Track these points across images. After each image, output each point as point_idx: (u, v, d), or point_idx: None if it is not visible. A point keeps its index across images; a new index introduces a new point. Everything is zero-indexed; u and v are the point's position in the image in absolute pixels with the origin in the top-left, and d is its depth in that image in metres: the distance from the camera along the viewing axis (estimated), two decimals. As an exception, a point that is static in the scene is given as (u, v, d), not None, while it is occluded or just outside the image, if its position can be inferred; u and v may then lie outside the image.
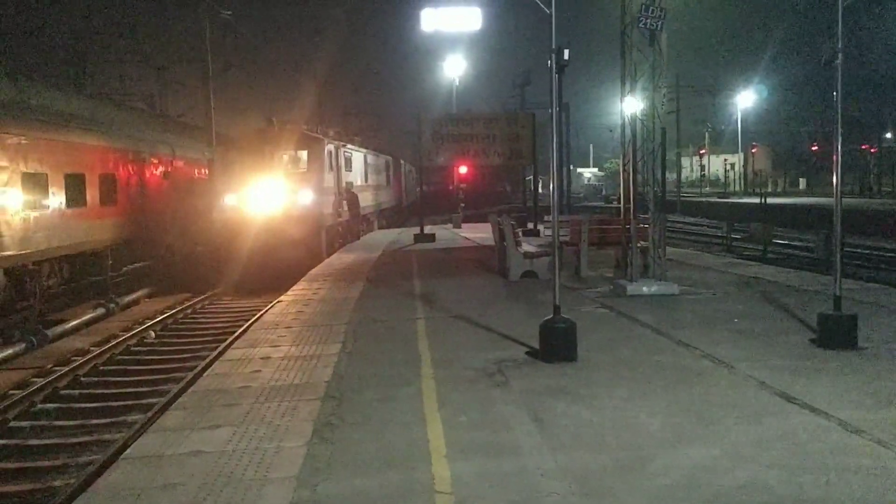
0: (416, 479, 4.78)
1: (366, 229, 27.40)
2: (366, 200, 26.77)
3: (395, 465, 5.00)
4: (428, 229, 23.85)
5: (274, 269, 18.06)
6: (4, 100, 14.67)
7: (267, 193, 19.31)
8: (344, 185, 22.85)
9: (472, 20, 19.87)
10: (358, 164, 26.17)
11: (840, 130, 7.85)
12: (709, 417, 5.79)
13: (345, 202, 22.73)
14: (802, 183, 72.88)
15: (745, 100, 64.52)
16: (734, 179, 70.57)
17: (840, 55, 7.62)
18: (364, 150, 28.50)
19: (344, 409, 6.23)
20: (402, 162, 42.30)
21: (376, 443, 5.43)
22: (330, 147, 21.20)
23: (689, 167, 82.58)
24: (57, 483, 6.44)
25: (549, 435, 5.48)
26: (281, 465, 5.05)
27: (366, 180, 27.87)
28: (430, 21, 20.04)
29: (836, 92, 7.78)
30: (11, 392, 9.40)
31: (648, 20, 10.64)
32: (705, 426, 5.60)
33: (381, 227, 31.01)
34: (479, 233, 24.52)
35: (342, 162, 22.64)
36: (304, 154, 20.38)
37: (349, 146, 24.96)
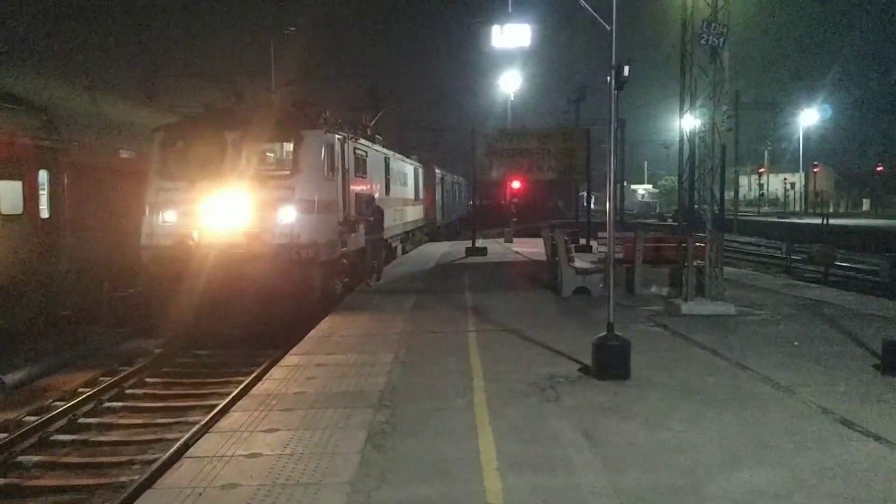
0: (468, 490, 4.82)
1: (385, 259, 18.72)
2: (387, 220, 18.10)
3: (448, 476, 5.06)
4: (480, 243, 23.95)
5: (227, 338, 11.77)
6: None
7: (228, 208, 11.88)
8: (354, 196, 15.11)
9: (534, 37, 19.81)
10: (376, 168, 18.48)
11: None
12: (767, 442, 5.67)
13: (355, 221, 15.06)
14: (866, 204, 70.28)
15: (808, 118, 62.73)
16: (794, 199, 68.56)
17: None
18: (385, 151, 20.49)
19: (397, 419, 6.33)
20: (437, 171, 34.24)
21: (428, 453, 5.50)
22: (331, 139, 13.50)
23: (748, 186, 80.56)
24: (123, 479, 6.71)
25: (602, 453, 5.46)
26: (336, 470, 5.17)
27: (387, 192, 19.92)
28: (498, 37, 20.06)
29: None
30: (80, 390, 9.82)
31: (710, 36, 10.54)
32: (763, 451, 5.49)
33: (405, 252, 24.28)
34: (530, 248, 24.47)
35: (351, 163, 14.96)
36: (289, 147, 12.84)
37: (363, 142, 16.86)
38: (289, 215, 12.02)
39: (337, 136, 14.08)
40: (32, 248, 12.54)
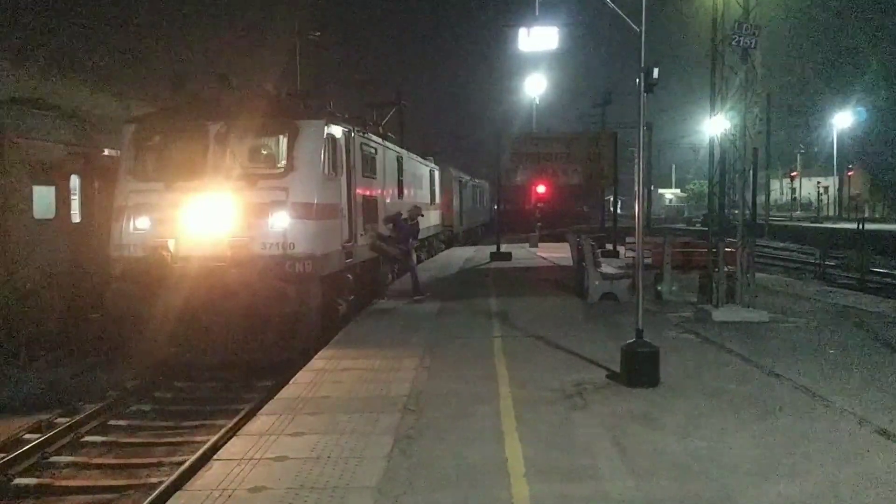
0: (495, 497, 4.78)
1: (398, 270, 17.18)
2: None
3: (474, 483, 5.02)
4: (504, 248, 23.86)
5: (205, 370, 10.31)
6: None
7: (210, 214, 10.25)
8: (360, 198, 13.14)
9: (562, 39, 19.62)
10: (388, 168, 16.17)
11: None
12: (802, 452, 5.54)
13: (368, 227, 13.36)
14: (903, 208, 68.66)
15: (842, 121, 61.57)
16: (827, 203, 67.28)
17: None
18: (399, 150, 18.31)
19: (422, 424, 6.30)
20: (455, 174, 32.21)
21: (455, 459, 5.46)
22: (334, 131, 11.54)
23: (779, 189, 79.28)
24: (152, 480, 6.79)
25: (631, 461, 5.37)
26: (363, 475, 5.16)
27: (400, 195, 17.72)
28: (525, 40, 19.90)
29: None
30: (109, 392, 9.95)
31: (742, 38, 10.39)
32: (798, 462, 5.35)
33: (419, 262, 20.72)
34: (556, 252, 24.33)
35: (357, 161, 12.94)
36: (282, 141, 10.91)
37: (372, 137, 14.73)
38: (281, 221, 10.20)
39: (341, 128, 11.97)
40: (64, 253, 12.76)
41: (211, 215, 10.23)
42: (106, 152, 15.18)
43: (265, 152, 11.25)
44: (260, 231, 10.18)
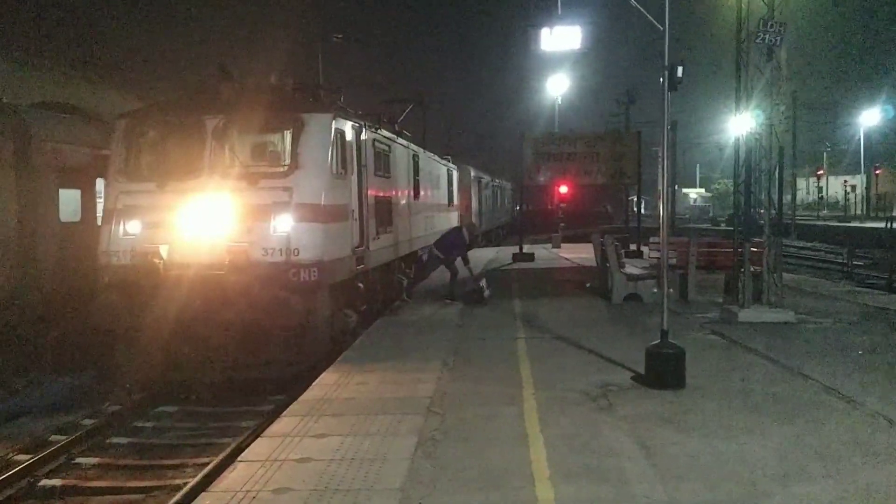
0: (520, 499, 4.75)
1: (416, 276, 16.64)
2: (416, 229, 15.71)
3: (498, 485, 4.99)
4: (527, 249, 23.77)
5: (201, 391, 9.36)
6: None
7: (206, 217, 9.34)
8: (372, 199, 11.98)
9: (585, 39, 19.42)
10: (402, 167, 15.04)
11: None
12: (830, 455, 5.43)
13: (382, 229, 12.54)
14: (934, 207, 67.20)
15: (869, 118, 60.52)
16: (855, 202, 66.14)
17: None
18: (415, 148, 16.98)
19: (446, 426, 6.28)
20: (473, 174, 31.52)
21: (478, 460, 5.44)
22: (342, 126, 10.52)
23: (806, 189, 78.14)
24: (177, 481, 6.84)
25: (657, 463, 5.31)
26: (386, 476, 5.15)
27: (416, 196, 16.54)
28: (547, 40, 19.76)
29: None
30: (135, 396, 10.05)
31: (767, 35, 10.25)
32: (826, 464, 5.25)
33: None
34: (579, 253, 24.18)
35: (370, 158, 11.86)
36: (286, 136, 9.95)
37: (386, 133, 13.55)
38: (284, 225, 9.20)
39: (351, 123, 10.90)
40: (89, 256, 12.91)
41: (207, 218, 9.30)
42: None
43: (268, 149, 10.29)
44: (261, 235, 9.20)
